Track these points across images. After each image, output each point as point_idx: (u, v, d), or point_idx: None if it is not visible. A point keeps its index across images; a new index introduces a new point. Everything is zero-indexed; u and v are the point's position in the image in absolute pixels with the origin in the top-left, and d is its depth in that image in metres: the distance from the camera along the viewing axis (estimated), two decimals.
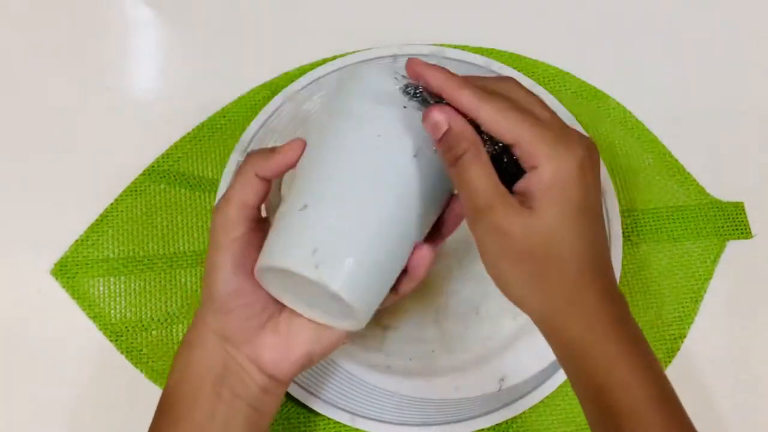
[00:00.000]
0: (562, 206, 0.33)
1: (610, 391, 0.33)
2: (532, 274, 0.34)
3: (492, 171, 0.33)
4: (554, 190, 0.32)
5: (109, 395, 0.47)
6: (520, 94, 0.35)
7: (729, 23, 0.58)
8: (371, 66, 0.40)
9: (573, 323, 0.34)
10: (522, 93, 0.35)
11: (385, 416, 0.45)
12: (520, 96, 0.35)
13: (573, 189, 0.33)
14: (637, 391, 0.33)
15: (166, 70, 0.57)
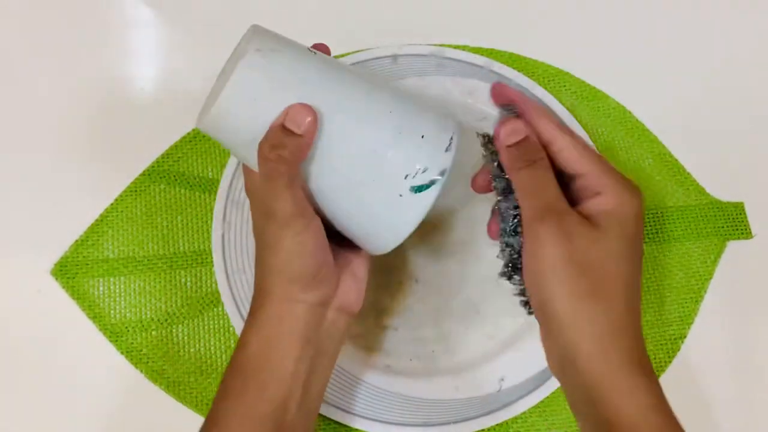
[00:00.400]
0: (622, 233, 0.35)
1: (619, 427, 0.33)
2: (585, 289, 0.34)
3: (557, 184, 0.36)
4: (616, 218, 0.35)
5: (109, 395, 0.47)
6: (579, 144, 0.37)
7: (729, 23, 0.58)
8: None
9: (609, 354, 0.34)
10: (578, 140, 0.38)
11: (385, 416, 0.45)
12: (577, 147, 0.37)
13: (631, 225, 0.35)
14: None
15: (167, 70, 0.57)
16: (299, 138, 0.35)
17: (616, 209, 0.35)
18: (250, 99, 0.35)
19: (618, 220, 0.35)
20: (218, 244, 0.49)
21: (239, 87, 0.35)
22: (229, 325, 0.48)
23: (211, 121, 0.36)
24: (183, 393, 0.47)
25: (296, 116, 0.35)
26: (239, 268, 0.48)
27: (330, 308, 0.39)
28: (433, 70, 0.53)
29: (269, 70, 0.36)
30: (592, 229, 0.34)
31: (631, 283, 0.35)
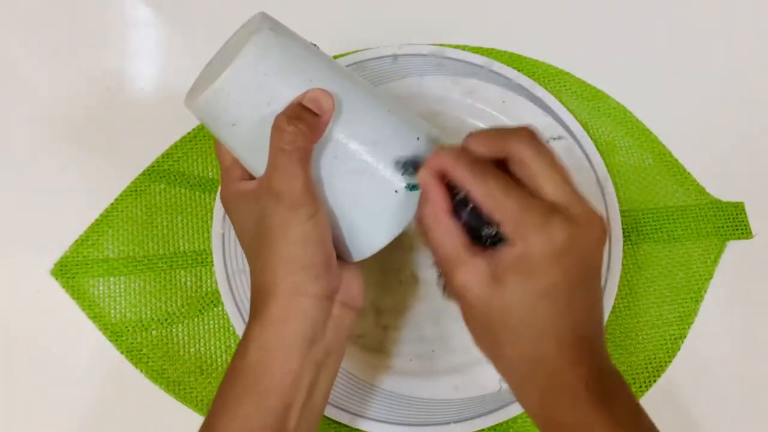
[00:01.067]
0: (524, 287, 0.33)
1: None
2: (490, 341, 0.35)
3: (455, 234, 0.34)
4: (520, 271, 0.32)
5: (109, 395, 0.47)
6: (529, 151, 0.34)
7: (729, 23, 0.58)
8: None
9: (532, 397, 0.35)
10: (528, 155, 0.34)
11: (385, 416, 0.45)
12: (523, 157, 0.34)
13: (545, 274, 0.32)
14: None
15: (166, 70, 0.57)
16: (317, 117, 0.34)
17: (519, 259, 0.32)
18: (262, 73, 0.35)
19: (522, 269, 0.32)
20: (218, 244, 0.49)
21: (253, 58, 0.34)
22: (229, 325, 0.48)
23: (213, 95, 0.35)
24: (183, 393, 0.47)
25: (317, 98, 0.34)
26: (239, 268, 0.48)
27: (335, 303, 0.37)
28: (433, 70, 0.53)
29: (283, 48, 0.35)
30: (487, 284, 0.33)
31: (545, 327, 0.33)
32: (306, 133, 0.34)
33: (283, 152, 0.34)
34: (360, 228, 0.38)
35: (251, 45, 0.34)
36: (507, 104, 0.52)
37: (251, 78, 0.35)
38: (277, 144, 0.34)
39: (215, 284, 0.48)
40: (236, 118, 0.36)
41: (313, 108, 0.34)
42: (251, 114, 0.35)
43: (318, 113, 0.34)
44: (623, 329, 0.49)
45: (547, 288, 0.33)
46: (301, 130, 0.34)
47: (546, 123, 0.52)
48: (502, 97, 0.53)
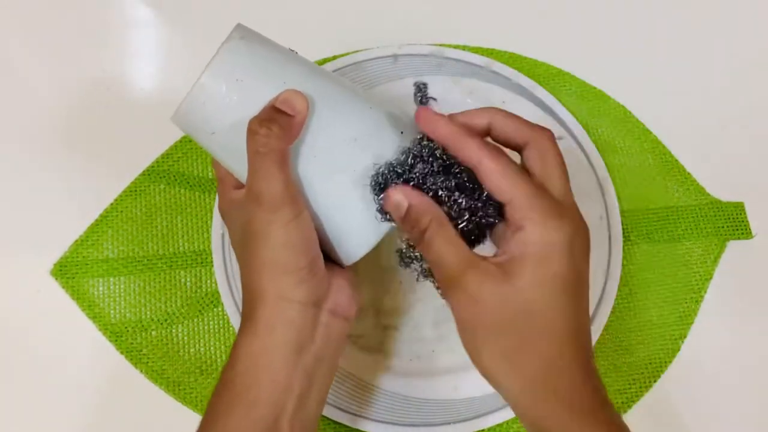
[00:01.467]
0: (543, 276, 0.32)
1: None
2: (508, 347, 0.33)
3: (458, 240, 0.34)
4: (537, 258, 0.32)
5: (108, 396, 0.47)
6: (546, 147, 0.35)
7: (729, 23, 0.58)
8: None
9: (548, 403, 0.33)
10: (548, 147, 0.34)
11: (385, 416, 0.45)
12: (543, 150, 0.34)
13: (557, 262, 0.32)
14: None
15: (166, 70, 0.57)
16: (291, 117, 0.34)
17: (536, 245, 0.32)
18: (233, 80, 0.35)
19: (539, 256, 0.32)
20: (218, 244, 0.49)
21: (223, 66, 0.35)
22: (229, 325, 0.48)
23: (188, 106, 0.35)
24: (183, 393, 0.47)
25: (289, 99, 0.34)
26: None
27: (323, 310, 0.37)
28: (433, 70, 0.53)
29: (254, 55, 0.36)
30: (500, 282, 0.32)
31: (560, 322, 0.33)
32: (279, 134, 0.34)
33: (258, 154, 0.34)
34: (346, 230, 0.37)
35: (221, 53, 0.35)
36: (507, 104, 0.52)
37: (223, 86, 0.35)
38: (252, 147, 0.34)
39: (215, 284, 0.48)
40: (214, 127, 0.36)
41: (286, 109, 0.34)
42: (228, 121, 0.35)
43: (291, 114, 0.34)
44: (623, 329, 0.49)
45: (563, 277, 0.32)
46: (274, 132, 0.34)
47: (546, 123, 0.52)
48: (502, 97, 0.53)
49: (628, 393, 0.47)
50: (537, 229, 0.32)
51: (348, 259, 0.38)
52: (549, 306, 0.33)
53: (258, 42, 0.37)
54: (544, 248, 0.32)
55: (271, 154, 0.34)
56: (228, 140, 0.36)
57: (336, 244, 0.38)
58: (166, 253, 0.50)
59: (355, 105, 0.37)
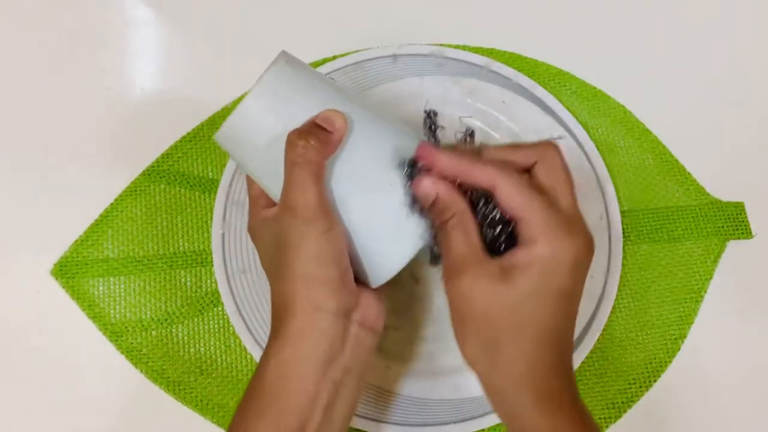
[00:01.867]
0: (543, 288, 0.34)
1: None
2: (490, 341, 0.35)
3: (474, 238, 0.35)
4: (541, 271, 0.34)
5: (108, 395, 0.47)
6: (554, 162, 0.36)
7: (729, 23, 0.58)
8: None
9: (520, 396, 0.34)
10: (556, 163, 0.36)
11: (386, 416, 0.45)
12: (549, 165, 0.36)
13: (561, 276, 0.34)
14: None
15: (166, 70, 0.57)
16: (329, 133, 0.36)
17: (543, 259, 0.34)
18: (277, 99, 0.37)
19: (544, 270, 0.34)
20: (218, 244, 0.49)
21: (269, 87, 0.37)
22: (229, 325, 0.48)
23: (235, 121, 0.37)
24: (183, 393, 0.47)
25: (329, 117, 0.36)
26: (239, 268, 0.48)
27: (353, 322, 0.37)
28: (433, 70, 0.53)
29: (298, 77, 0.38)
30: (496, 284, 0.34)
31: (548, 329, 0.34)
32: (317, 147, 0.35)
33: (295, 165, 0.35)
34: (377, 250, 0.38)
35: (268, 74, 0.37)
36: (507, 104, 0.52)
37: (269, 103, 0.37)
38: (289, 158, 0.35)
39: (215, 284, 0.48)
40: (256, 143, 0.37)
41: (326, 125, 0.36)
42: (268, 140, 0.37)
43: (330, 130, 0.36)
44: (623, 329, 0.49)
45: (562, 291, 0.34)
46: (312, 145, 0.35)
47: (546, 123, 0.52)
48: (502, 97, 0.53)
49: (628, 393, 0.47)
50: (548, 245, 0.34)
51: (375, 280, 0.39)
52: (540, 312, 0.34)
53: (301, 67, 0.39)
54: (551, 263, 0.34)
55: (308, 165, 0.35)
56: (268, 158, 0.37)
57: (367, 265, 0.39)
58: (166, 253, 0.50)
59: (387, 129, 0.39)
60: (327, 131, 0.36)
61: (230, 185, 0.50)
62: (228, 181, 0.50)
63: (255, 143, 0.37)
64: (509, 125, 0.52)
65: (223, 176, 0.50)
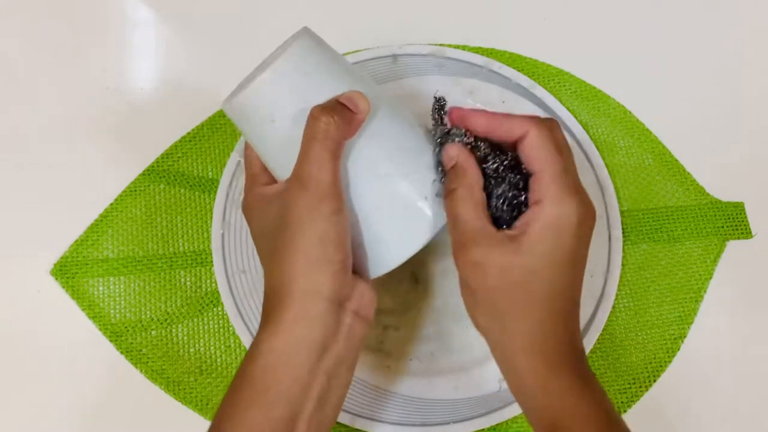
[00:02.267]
0: (552, 248, 0.34)
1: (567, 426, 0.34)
2: (503, 309, 0.35)
3: (482, 208, 0.35)
4: (549, 232, 0.34)
5: (108, 395, 0.47)
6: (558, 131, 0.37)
7: (729, 23, 0.58)
8: None
9: (531, 358, 0.35)
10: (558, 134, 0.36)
11: (385, 416, 0.45)
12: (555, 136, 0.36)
13: (568, 238, 0.34)
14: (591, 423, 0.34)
15: (166, 69, 0.57)
16: (353, 113, 0.35)
17: (549, 221, 0.34)
18: (301, 72, 0.36)
19: (550, 232, 0.34)
20: (218, 244, 0.49)
21: (294, 59, 0.36)
22: (229, 325, 0.48)
23: (256, 90, 0.36)
24: (183, 393, 0.47)
25: (353, 97, 0.36)
26: (239, 268, 0.48)
27: (347, 311, 0.36)
28: (433, 70, 0.53)
29: (324, 54, 0.37)
30: (507, 251, 0.34)
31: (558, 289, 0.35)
32: (340, 124, 0.35)
33: (315, 140, 0.35)
34: (382, 240, 0.38)
35: (295, 47, 0.36)
36: (507, 104, 0.52)
37: (293, 76, 0.36)
38: (310, 132, 0.35)
39: (215, 284, 0.48)
40: (274, 115, 0.36)
41: (350, 105, 0.36)
42: (289, 112, 0.36)
43: (354, 110, 0.36)
44: (623, 329, 0.49)
45: (569, 251, 0.34)
46: (335, 121, 0.34)
47: None
48: (502, 97, 0.53)
49: (628, 393, 0.47)
50: (555, 204, 0.34)
51: (375, 271, 0.38)
52: (550, 275, 0.34)
53: (325, 46, 0.38)
54: (558, 224, 0.34)
55: (328, 142, 0.34)
56: (283, 132, 0.36)
57: (370, 253, 0.38)
58: (166, 253, 0.50)
59: (405, 119, 0.39)
60: (351, 111, 0.35)
61: (230, 185, 0.50)
62: (228, 180, 0.50)
63: (273, 116, 0.36)
64: None
65: (223, 176, 0.50)
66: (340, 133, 0.35)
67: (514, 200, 0.36)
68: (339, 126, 0.34)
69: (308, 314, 0.35)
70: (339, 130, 0.35)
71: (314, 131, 0.35)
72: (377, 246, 0.38)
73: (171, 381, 0.47)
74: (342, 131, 0.35)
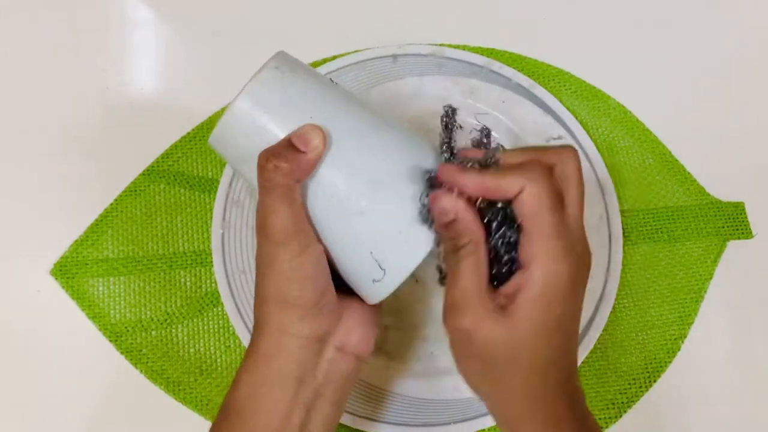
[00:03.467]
0: (541, 318, 0.32)
1: None
2: (491, 376, 0.34)
3: (483, 272, 0.33)
4: (538, 301, 0.32)
5: (108, 395, 0.47)
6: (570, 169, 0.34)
7: (729, 23, 0.58)
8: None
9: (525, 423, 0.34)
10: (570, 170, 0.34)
11: (385, 416, 0.45)
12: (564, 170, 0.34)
13: (558, 304, 0.32)
14: None
15: (166, 69, 0.57)
16: (302, 154, 0.33)
17: (537, 291, 0.32)
18: (261, 111, 0.35)
19: (537, 304, 0.32)
20: (218, 244, 0.49)
21: (253, 97, 0.35)
22: (229, 325, 0.48)
23: (221, 131, 0.35)
24: (183, 393, 0.47)
25: (305, 134, 0.34)
26: (239, 268, 0.48)
27: (329, 346, 0.36)
28: (433, 70, 0.53)
29: (284, 86, 0.35)
30: (496, 321, 0.32)
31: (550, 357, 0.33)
32: (286, 170, 0.33)
33: (265, 189, 0.34)
34: (366, 271, 0.36)
35: (253, 84, 0.35)
36: (507, 104, 0.52)
37: (251, 117, 0.35)
38: (260, 181, 0.34)
39: (215, 284, 0.48)
40: (241, 156, 0.36)
41: (299, 145, 0.33)
42: (253, 149, 0.35)
43: (303, 150, 0.33)
44: (623, 329, 0.49)
45: (560, 318, 0.33)
46: (281, 167, 0.33)
47: (546, 123, 0.52)
48: (502, 97, 0.53)
49: (628, 393, 0.47)
50: (543, 269, 0.32)
51: (372, 299, 0.38)
52: (541, 346, 0.33)
53: (292, 72, 0.36)
54: (546, 290, 0.32)
55: (277, 189, 0.33)
56: (253, 168, 0.35)
57: (355, 283, 0.37)
58: (166, 253, 0.50)
59: (383, 144, 0.36)
60: (300, 152, 0.33)
61: (230, 185, 0.50)
62: (228, 181, 0.50)
63: (241, 157, 0.36)
64: (509, 125, 0.52)
65: (223, 176, 0.50)
66: (288, 178, 0.33)
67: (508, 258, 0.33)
68: (286, 172, 0.33)
69: (282, 350, 0.35)
70: (286, 176, 0.33)
71: (263, 180, 0.34)
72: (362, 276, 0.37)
73: (171, 381, 0.47)
74: (291, 176, 0.33)
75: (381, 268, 0.36)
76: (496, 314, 0.32)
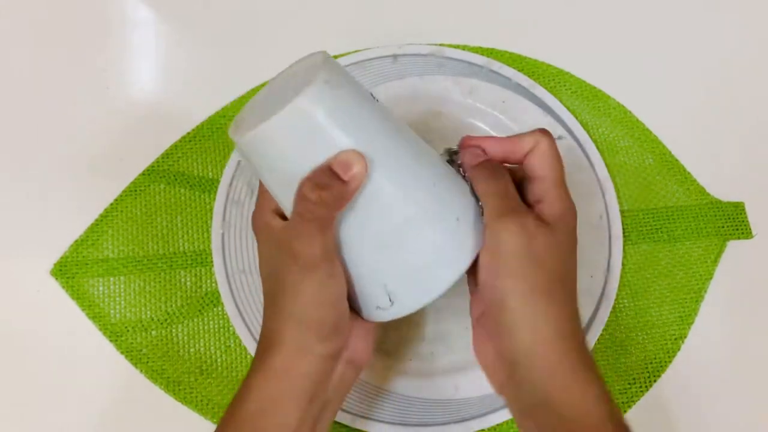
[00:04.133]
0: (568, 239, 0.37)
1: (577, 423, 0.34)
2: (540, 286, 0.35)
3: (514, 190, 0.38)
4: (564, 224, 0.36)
5: (108, 395, 0.47)
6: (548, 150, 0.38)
7: (729, 23, 0.58)
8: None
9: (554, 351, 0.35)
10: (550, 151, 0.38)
11: (385, 416, 0.45)
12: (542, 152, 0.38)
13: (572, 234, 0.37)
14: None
15: (166, 70, 0.57)
16: (344, 185, 0.33)
17: (563, 217, 0.36)
18: (305, 129, 0.33)
19: (565, 225, 0.37)
20: (218, 244, 0.49)
21: (299, 114, 0.33)
22: (229, 325, 0.48)
23: (255, 139, 0.34)
24: (183, 393, 0.47)
25: (347, 161, 0.33)
26: (239, 268, 0.48)
27: (340, 361, 0.37)
28: (433, 70, 0.53)
29: (334, 106, 0.33)
30: (548, 230, 0.35)
31: (574, 285, 0.37)
32: (329, 202, 0.33)
33: (301, 216, 0.33)
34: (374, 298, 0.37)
35: (302, 97, 0.33)
36: (507, 104, 0.52)
37: (294, 131, 0.33)
38: (298, 209, 0.34)
39: (215, 284, 0.48)
40: (275, 166, 0.35)
41: (341, 172, 0.33)
42: (290, 164, 0.34)
43: (345, 179, 0.33)
44: (623, 329, 0.49)
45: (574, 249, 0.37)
46: (324, 200, 0.33)
47: (546, 123, 0.52)
48: (502, 97, 0.53)
49: (628, 393, 0.47)
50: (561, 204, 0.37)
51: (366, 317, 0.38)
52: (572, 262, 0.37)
53: (341, 86, 0.34)
54: (567, 220, 0.37)
55: (316, 221, 0.33)
56: (285, 180, 0.34)
57: (358, 302, 0.37)
58: (166, 253, 0.50)
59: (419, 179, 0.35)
60: (342, 182, 0.33)
61: (230, 185, 0.50)
62: (228, 180, 0.50)
63: (273, 167, 0.35)
64: (509, 125, 0.52)
65: (223, 176, 0.50)
66: (330, 210, 0.33)
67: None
68: (328, 204, 0.33)
69: (300, 368, 0.35)
70: (328, 208, 0.33)
71: (302, 209, 0.33)
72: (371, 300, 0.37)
73: (171, 381, 0.47)
74: (332, 208, 0.33)
75: (390, 300, 0.36)
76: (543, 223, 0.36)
